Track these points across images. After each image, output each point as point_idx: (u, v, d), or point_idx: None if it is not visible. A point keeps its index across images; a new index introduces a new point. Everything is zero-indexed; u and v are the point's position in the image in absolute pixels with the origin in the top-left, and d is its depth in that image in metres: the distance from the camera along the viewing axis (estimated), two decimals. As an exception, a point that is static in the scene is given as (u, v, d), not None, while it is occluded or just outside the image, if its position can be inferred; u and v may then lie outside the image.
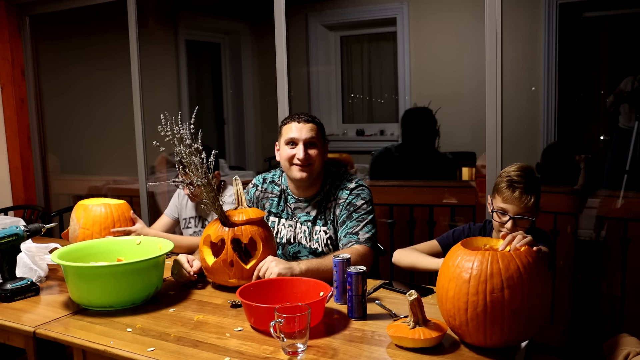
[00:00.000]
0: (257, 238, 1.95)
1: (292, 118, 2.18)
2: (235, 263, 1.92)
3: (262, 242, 1.95)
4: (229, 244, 1.92)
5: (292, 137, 2.15)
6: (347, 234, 2.13)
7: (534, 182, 1.95)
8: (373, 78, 5.18)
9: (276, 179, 2.34)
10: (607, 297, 3.03)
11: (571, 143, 4.01)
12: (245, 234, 1.94)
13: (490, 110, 2.61)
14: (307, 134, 2.14)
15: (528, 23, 3.96)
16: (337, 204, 2.19)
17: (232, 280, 1.93)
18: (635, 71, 3.51)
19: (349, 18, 5.04)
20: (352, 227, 2.13)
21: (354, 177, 2.24)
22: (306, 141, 2.14)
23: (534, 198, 1.92)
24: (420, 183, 3.37)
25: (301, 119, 2.16)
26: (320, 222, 2.21)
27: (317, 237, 2.21)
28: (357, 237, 2.11)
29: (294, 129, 2.15)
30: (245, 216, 1.96)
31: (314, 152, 2.15)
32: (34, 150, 4.22)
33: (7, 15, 4.00)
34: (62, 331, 1.66)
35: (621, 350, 1.84)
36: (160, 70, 4.70)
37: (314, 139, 2.15)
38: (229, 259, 1.91)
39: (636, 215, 2.87)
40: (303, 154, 2.12)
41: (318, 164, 2.17)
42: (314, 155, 2.14)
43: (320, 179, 2.23)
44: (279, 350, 1.48)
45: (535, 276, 1.40)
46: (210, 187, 1.92)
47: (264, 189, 2.32)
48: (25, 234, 1.97)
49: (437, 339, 1.45)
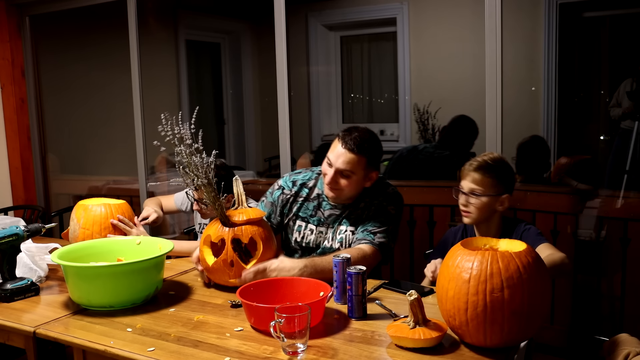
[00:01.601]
0: (257, 238, 1.94)
1: (344, 139, 2.06)
2: (235, 263, 1.91)
3: (262, 242, 1.95)
4: (229, 244, 1.91)
5: (330, 158, 2.09)
6: (365, 231, 2.10)
7: (496, 165, 2.01)
8: (373, 78, 5.18)
9: (309, 181, 2.28)
10: (607, 297, 3.03)
11: (571, 143, 4.01)
12: (246, 234, 1.93)
13: (490, 111, 2.61)
14: (341, 165, 2.05)
15: (528, 23, 3.96)
16: (371, 205, 2.15)
17: (232, 280, 1.92)
18: (635, 72, 3.51)
19: (349, 18, 5.04)
20: (372, 226, 2.10)
21: (391, 185, 2.21)
22: (338, 170, 2.07)
23: (490, 177, 1.98)
24: (421, 183, 3.37)
25: (348, 146, 2.05)
26: (348, 222, 2.17)
27: (341, 237, 2.18)
28: (373, 238, 2.08)
29: (336, 150, 2.07)
30: (246, 216, 1.95)
31: (344, 182, 2.08)
32: (34, 150, 4.22)
33: (7, 15, 4.00)
34: (62, 331, 1.66)
35: (621, 350, 1.83)
36: (160, 70, 4.70)
37: (348, 171, 2.06)
38: (229, 259, 1.91)
39: (636, 215, 2.87)
40: (330, 179, 2.08)
41: (349, 191, 2.11)
42: (342, 185, 2.09)
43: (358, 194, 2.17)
44: (279, 350, 1.48)
45: (535, 276, 1.40)
46: (211, 187, 1.92)
47: (295, 192, 2.26)
48: (25, 234, 1.97)
49: (437, 339, 1.45)
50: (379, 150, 2.14)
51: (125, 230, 2.36)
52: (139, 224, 2.43)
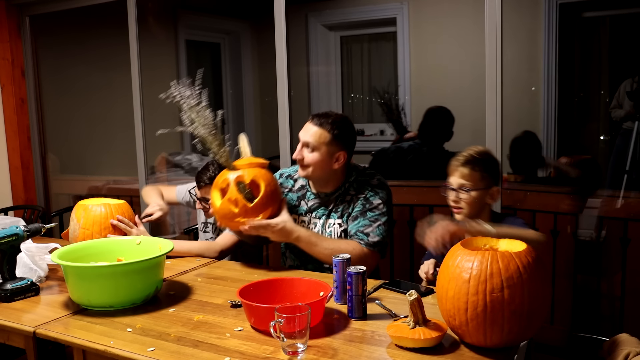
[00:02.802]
0: (259, 180, 2.06)
1: (313, 117, 2.16)
2: (239, 201, 2.03)
3: (264, 182, 2.05)
4: (233, 184, 2.05)
5: (299, 134, 2.17)
6: (358, 232, 2.13)
7: (482, 159, 2.01)
8: (373, 78, 5.18)
9: (295, 174, 2.33)
10: (607, 297, 3.03)
11: (571, 143, 4.01)
12: (249, 175, 2.06)
13: (490, 110, 2.61)
14: (308, 138, 2.13)
15: (528, 23, 3.96)
16: (358, 198, 2.17)
17: (238, 220, 2.03)
18: (635, 72, 3.51)
19: (349, 18, 5.04)
20: (364, 225, 2.12)
21: (377, 175, 2.23)
22: (304, 143, 2.14)
23: (478, 170, 1.98)
24: (420, 183, 3.37)
25: (315, 120, 2.14)
26: (335, 215, 2.20)
27: (330, 230, 2.20)
28: (367, 239, 2.11)
29: (304, 127, 2.16)
30: (248, 161, 2.12)
31: (308, 156, 2.13)
32: (34, 150, 4.22)
33: (7, 15, 4.00)
34: (62, 331, 1.66)
35: (621, 350, 1.83)
36: (160, 70, 4.70)
37: (312, 143, 2.12)
38: (233, 197, 2.03)
39: (636, 215, 2.87)
40: (297, 152, 2.15)
41: (316, 169, 2.14)
42: (308, 160, 2.13)
43: (340, 178, 2.21)
44: (279, 350, 1.48)
45: (535, 276, 1.40)
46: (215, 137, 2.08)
47: (279, 183, 2.32)
48: (25, 234, 1.97)
49: (437, 339, 1.45)
50: (347, 132, 2.16)
51: (126, 230, 2.36)
52: (139, 223, 2.42)
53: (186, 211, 4.01)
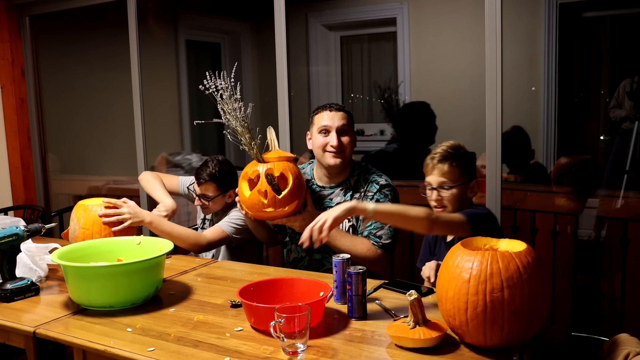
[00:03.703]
0: (287, 173, 2.14)
1: (324, 107, 2.28)
2: (268, 192, 2.10)
3: (292, 176, 2.13)
4: (263, 176, 2.12)
5: (325, 125, 2.23)
6: (371, 235, 2.18)
7: (459, 153, 1.99)
8: (373, 78, 5.17)
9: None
10: (607, 297, 3.03)
11: (571, 143, 4.01)
12: (277, 168, 2.14)
13: (490, 110, 2.61)
14: (339, 122, 2.23)
15: (528, 23, 3.96)
16: (366, 197, 2.23)
17: (267, 210, 2.11)
18: (634, 72, 3.51)
19: (349, 18, 5.04)
20: (376, 228, 2.18)
21: (383, 175, 2.29)
22: (338, 129, 2.22)
23: (455, 166, 1.96)
24: (420, 183, 3.36)
25: (333, 108, 2.25)
26: None
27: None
28: (381, 241, 2.16)
29: (326, 117, 2.24)
30: (277, 155, 2.19)
31: (346, 139, 2.23)
32: (34, 150, 4.22)
33: (7, 15, 4.00)
34: (62, 331, 1.67)
35: (621, 350, 1.83)
36: (160, 70, 4.70)
37: (346, 126, 2.23)
38: (263, 188, 2.10)
39: (636, 215, 2.87)
40: (336, 141, 2.21)
41: (349, 151, 2.25)
42: (346, 143, 2.23)
43: (349, 167, 2.30)
44: (279, 350, 1.48)
45: (535, 276, 1.40)
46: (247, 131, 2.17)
47: None
48: (25, 234, 1.97)
49: (437, 339, 1.45)
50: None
51: (116, 214, 2.31)
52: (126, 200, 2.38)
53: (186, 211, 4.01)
